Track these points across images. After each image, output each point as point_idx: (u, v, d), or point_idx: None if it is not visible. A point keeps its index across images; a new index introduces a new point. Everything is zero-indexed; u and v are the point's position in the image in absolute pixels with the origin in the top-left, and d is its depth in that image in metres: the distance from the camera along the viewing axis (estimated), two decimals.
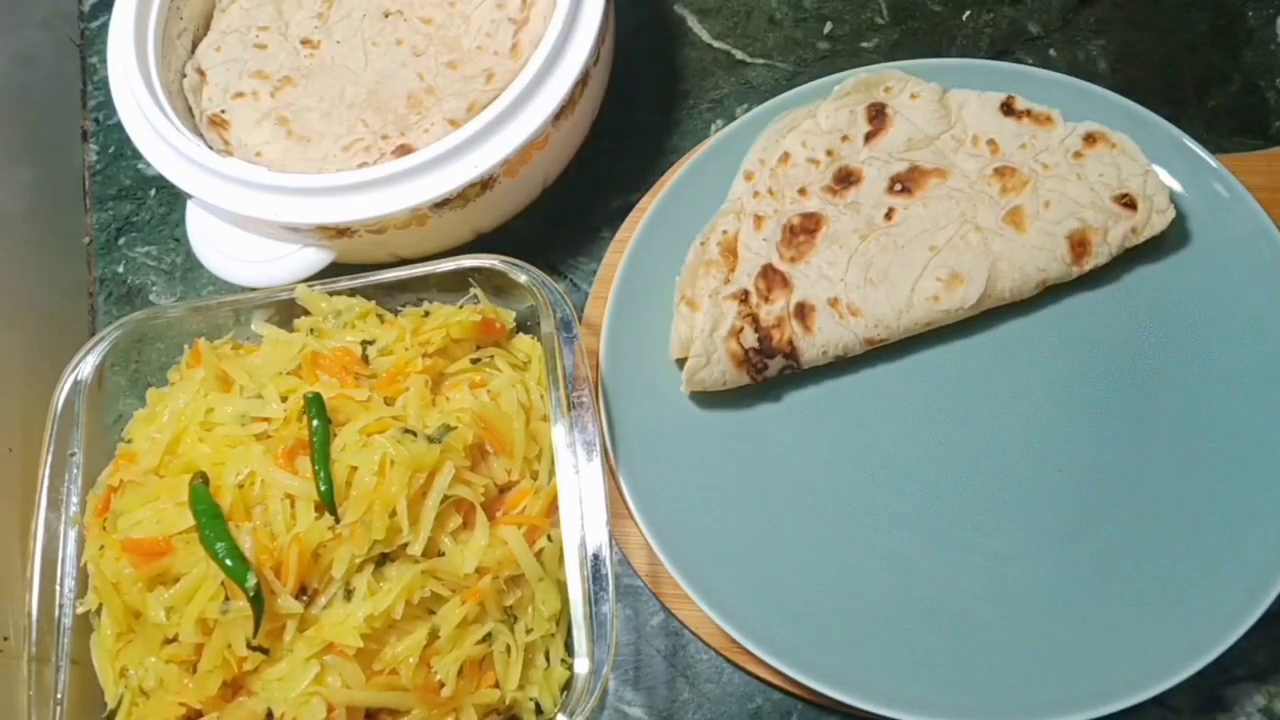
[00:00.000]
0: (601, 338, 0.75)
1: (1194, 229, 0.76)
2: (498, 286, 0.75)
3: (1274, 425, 0.71)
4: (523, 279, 0.72)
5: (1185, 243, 0.76)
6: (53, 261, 0.81)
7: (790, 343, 0.73)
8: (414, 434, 0.66)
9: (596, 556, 0.64)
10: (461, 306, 0.76)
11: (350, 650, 0.63)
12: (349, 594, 0.64)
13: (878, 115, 0.79)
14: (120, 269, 0.88)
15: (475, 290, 0.76)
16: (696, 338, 0.73)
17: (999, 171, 0.76)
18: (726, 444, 0.74)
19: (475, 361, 0.74)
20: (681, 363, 0.74)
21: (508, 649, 0.67)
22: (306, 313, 0.75)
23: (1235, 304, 0.74)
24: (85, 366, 0.72)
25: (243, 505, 0.65)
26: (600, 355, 0.75)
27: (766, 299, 0.74)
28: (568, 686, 0.67)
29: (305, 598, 0.64)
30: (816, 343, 0.73)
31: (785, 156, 0.78)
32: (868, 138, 0.78)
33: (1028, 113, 0.78)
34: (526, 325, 0.77)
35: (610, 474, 0.71)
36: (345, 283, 0.74)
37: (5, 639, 0.68)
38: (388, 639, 0.64)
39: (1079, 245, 0.74)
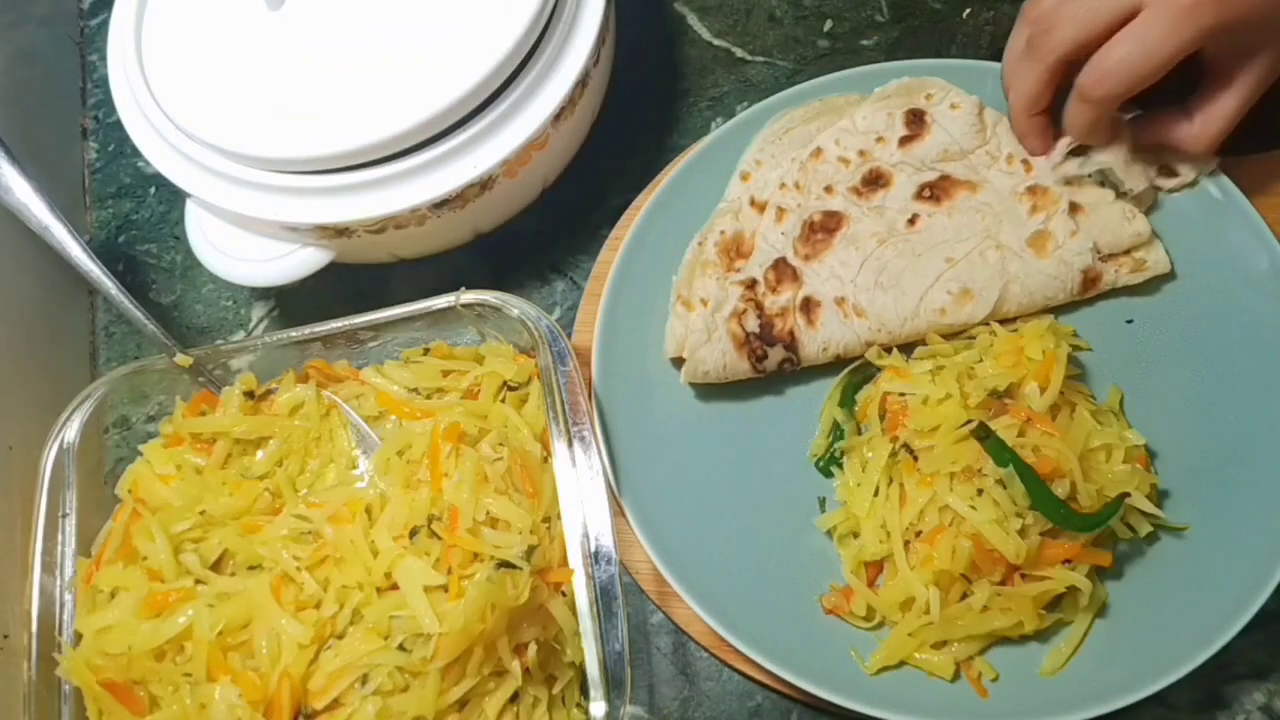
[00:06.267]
0: (595, 336, 0.75)
1: (1187, 232, 0.75)
2: (480, 314, 0.74)
3: (1269, 427, 0.71)
4: (514, 313, 0.71)
5: (1178, 247, 0.75)
6: (52, 259, 0.80)
7: (791, 333, 0.73)
8: (508, 565, 0.62)
9: (607, 591, 0.62)
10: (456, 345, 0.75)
11: None
12: (364, 680, 0.62)
13: (916, 121, 0.78)
14: (120, 267, 0.88)
15: (470, 325, 0.75)
16: (698, 314, 0.72)
17: (1031, 190, 0.75)
18: (721, 444, 0.74)
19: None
20: (677, 362, 0.74)
21: (534, 701, 0.64)
22: (304, 344, 0.74)
23: (1230, 308, 0.74)
24: (71, 429, 0.71)
25: (220, 654, 0.63)
26: (594, 353, 0.75)
27: (774, 290, 0.74)
28: None
29: None
30: (818, 338, 0.73)
31: (818, 152, 0.77)
32: (903, 142, 0.78)
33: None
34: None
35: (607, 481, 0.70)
36: (333, 324, 0.73)
37: (5, 637, 0.68)
38: None
39: (1091, 281, 0.74)
